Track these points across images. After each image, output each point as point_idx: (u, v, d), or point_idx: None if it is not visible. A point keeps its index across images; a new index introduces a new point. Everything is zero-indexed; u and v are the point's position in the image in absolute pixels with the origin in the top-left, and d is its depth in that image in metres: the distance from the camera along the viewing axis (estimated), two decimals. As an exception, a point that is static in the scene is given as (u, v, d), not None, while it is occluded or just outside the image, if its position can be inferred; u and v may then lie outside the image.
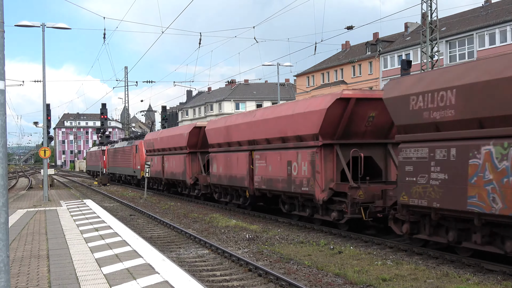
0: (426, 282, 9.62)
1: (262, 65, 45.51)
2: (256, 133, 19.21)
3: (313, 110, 15.48)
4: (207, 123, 25.27)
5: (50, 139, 35.58)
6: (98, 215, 19.23)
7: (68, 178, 68.59)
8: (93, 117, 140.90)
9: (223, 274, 10.79)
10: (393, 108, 12.45)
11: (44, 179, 28.01)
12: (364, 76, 62.35)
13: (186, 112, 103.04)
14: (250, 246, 13.83)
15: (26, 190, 39.44)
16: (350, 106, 14.77)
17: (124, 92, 64.23)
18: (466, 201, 10.39)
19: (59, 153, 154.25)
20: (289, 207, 17.96)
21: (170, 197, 31.22)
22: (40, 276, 9.18)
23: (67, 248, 11.99)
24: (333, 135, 15.25)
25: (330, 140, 15.23)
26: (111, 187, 43.56)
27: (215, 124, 23.53)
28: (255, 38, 32.35)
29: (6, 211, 6.70)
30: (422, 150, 11.58)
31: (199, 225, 18.36)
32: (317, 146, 15.35)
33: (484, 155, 10.06)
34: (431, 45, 32.12)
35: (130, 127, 74.23)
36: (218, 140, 22.88)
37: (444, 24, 50.42)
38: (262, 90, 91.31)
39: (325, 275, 10.30)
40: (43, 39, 28.26)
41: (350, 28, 30.57)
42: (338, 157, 15.27)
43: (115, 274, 9.25)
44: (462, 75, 10.62)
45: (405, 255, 12.33)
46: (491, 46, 46.42)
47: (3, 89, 6.66)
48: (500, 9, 47.99)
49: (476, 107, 10.20)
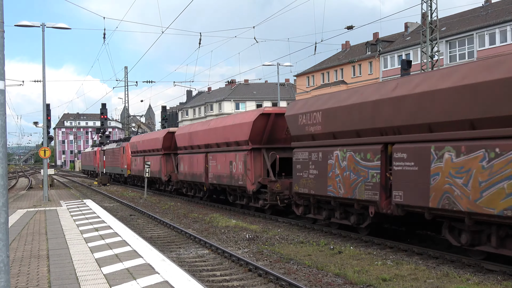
0: (426, 282, 9.62)
1: (262, 65, 45.57)
2: (210, 139, 23.92)
3: (245, 122, 20.27)
4: (177, 129, 30.56)
5: (50, 139, 35.59)
6: (98, 215, 19.24)
7: (68, 178, 68.61)
8: (93, 117, 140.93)
9: (223, 274, 10.79)
10: (290, 123, 17.33)
11: (44, 179, 28.02)
12: (364, 76, 62.38)
13: (186, 112, 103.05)
14: (250, 246, 13.83)
15: (26, 190, 39.44)
16: (271, 119, 19.56)
17: (124, 92, 64.29)
18: (327, 189, 15.08)
19: (59, 153, 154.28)
20: (233, 197, 22.84)
21: (170, 197, 31.23)
22: (40, 276, 9.18)
23: (67, 248, 11.99)
24: (260, 141, 19.84)
25: (258, 145, 19.86)
26: (111, 187, 43.57)
27: (182, 131, 28.58)
28: (255, 38, 32.37)
29: (6, 211, 6.70)
30: (304, 153, 16.35)
31: (199, 225, 18.36)
32: (248, 150, 19.95)
33: (335, 157, 14.75)
34: (431, 45, 32.12)
35: (130, 127, 74.18)
36: (184, 143, 27.61)
37: (444, 24, 50.42)
38: (262, 90, 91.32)
39: (325, 275, 10.31)
40: (43, 39, 28.28)
41: (350, 28, 30.58)
42: (264, 158, 19.75)
43: (115, 274, 9.25)
44: (325, 102, 15.50)
45: (405, 255, 12.33)
46: (491, 46, 46.42)
47: (3, 89, 6.66)
48: (500, 9, 47.99)
49: (331, 124, 14.94)
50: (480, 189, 10.10)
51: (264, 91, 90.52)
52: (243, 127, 20.17)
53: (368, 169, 13.35)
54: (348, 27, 30.58)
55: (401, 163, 12.17)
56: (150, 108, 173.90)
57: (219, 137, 22.74)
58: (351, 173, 13.97)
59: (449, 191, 10.79)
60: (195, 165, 25.91)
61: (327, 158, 15.05)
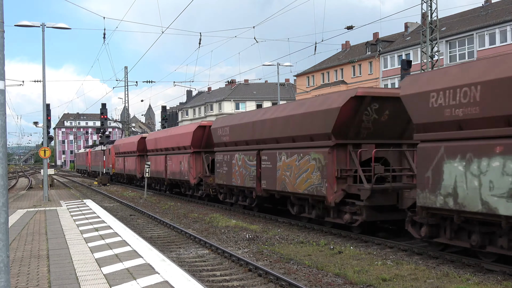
0: (426, 282, 9.62)
1: (262, 65, 45.55)
2: (168, 143, 30.28)
3: (187, 132, 27.04)
4: (148, 135, 36.89)
5: (50, 139, 35.60)
6: (98, 215, 19.24)
7: (68, 178, 68.60)
8: (93, 117, 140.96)
9: (223, 274, 10.78)
10: (213, 134, 23.63)
11: (44, 179, 28.01)
12: (364, 76, 62.38)
13: (186, 112, 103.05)
14: (250, 246, 13.82)
15: (26, 190, 39.44)
16: (206, 130, 25.84)
17: (124, 92, 64.24)
18: (231, 180, 21.49)
19: (59, 153, 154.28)
20: (184, 189, 29.37)
21: (170, 197, 31.23)
22: (40, 276, 9.18)
23: (67, 248, 11.99)
24: (200, 146, 26.37)
25: (198, 149, 26.39)
26: (111, 187, 43.58)
27: (150, 136, 35.59)
28: (255, 38, 32.39)
29: (6, 211, 6.70)
30: (220, 155, 22.74)
31: (199, 225, 18.36)
32: (190, 152, 26.60)
33: (235, 158, 21.11)
34: (431, 45, 32.11)
35: (130, 127, 74.23)
36: (152, 147, 34.16)
37: (444, 24, 50.42)
38: (262, 90, 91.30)
39: (325, 275, 10.30)
40: (43, 39, 28.28)
41: (350, 28, 30.57)
42: (203, 159, 26.21)
43: (115, 274, 9.25)
44: (231, 120, 22.33)
45: (405, 255, 12.33)
46: (491, 46, 46.43)
47: (3, 89, 6.66)
48: (500, 9, 48.00)
49: (233, 136, 21.41)
50: (295, 178, 16.50)
51: (264, 91, 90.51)
52: (187, 135, 26.84)
53: (251, 167, 19.74)
54: (348, 27, 30.58)
55: (265, 163, 18.66)
56: (150, 108, 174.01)
57: (174, 143, 29.11)
58: (243, 169, 20.39)
59: (284, 180, 17.26)
60: (158, 164, 32.41)
61: (232, 159, 21.44)
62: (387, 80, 58.63)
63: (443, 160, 10.94)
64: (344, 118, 14.62)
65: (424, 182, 11.42)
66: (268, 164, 18.43)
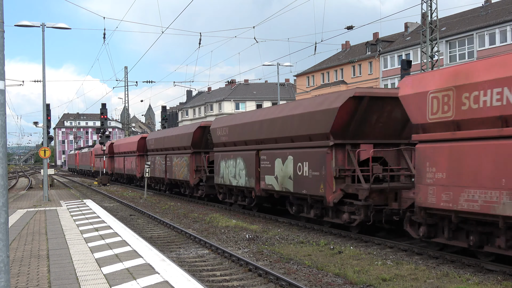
0: (426, 282, 9.62)
1: (262, 65, 45.52)
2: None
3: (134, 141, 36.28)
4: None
5: (50, 139, 35.57)
6: (98, 215, 19.23)
7: (68, 178, 68.59)
8: (93, 117, 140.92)
9: (223, 274, 10.78)
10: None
11: (44, 179, 28.01)
12: (364, 76, 62.36)
13: (186, 112, 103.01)
14: (250, 246, 13.82)
15: (26, 190, 39.43)
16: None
17: (124, 92, 64.25)
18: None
19: (59, 153, 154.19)
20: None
21: (170, 197, 31.23)
22: (40, 276, 9.18)
23: (67, 248, 11.99)
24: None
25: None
26: (111, 187, 43.58)
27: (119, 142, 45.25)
28: (255, 38, 32.33)
29: (6, 211, 6.69)
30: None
31: (199, 225, 18.36)
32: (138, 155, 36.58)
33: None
34: (431, 45, 32.11)
35: (130, 127, 74.25)
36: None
37: (444, 24, 50.41)
38: (262, 90, 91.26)
39: (325, 275, 10.30)
40: (43, 39, 28.27)
41: (350, 28, 30.56)
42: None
43: (115, 274, 9.25)
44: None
45: (405, 255, 12.33)
46: (491, 46, 46.41)
47: (3, 89, 6.66)
48: (500, 9, 47.99)
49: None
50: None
51: (264, 91, 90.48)
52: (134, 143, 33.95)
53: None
54: (348, 27, 30.56)
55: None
56: (150, 108, 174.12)
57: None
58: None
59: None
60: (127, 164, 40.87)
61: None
62: (387, 80, 58.62)
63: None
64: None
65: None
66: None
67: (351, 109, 14.56)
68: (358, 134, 15.06)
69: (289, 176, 17.00)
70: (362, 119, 14.83)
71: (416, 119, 11.68)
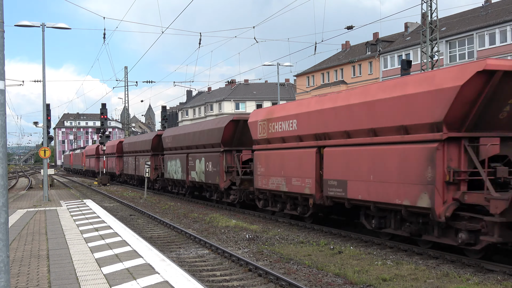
0: (426, 282, 9.62)
1: (262, 65, 45.55)
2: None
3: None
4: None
5: (50, 139, 35.59)
6: (98, 215, 19.23)
7: (68, 178, 68.60)
8: (93, 117, 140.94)
9: (223, 274, 10.78)
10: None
11: (44, 179, 28.01)
12: (364, 76, 62.36)
13: (186, 112, 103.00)
14: (250, 246, 13.83)
15: (26, 190, 39.43)
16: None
17: (124, 92, 64.27)
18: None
19: (59, 153, 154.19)
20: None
21: (170, 197, 31.23)
22: (40, 276, 9.18)
23: (67, 248, 11.99)
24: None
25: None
26: (111, 187, 43.59)
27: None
28: (255, 38, 32.35)
29: (6, 211, 6.69)
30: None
31: (199, 225, 18.36)
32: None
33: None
34: (431, 45, 32.11)
35: (130, 127, 74.25)
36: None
37: (444, 24, 50.40)
38: (262, 90, 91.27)
39: (325, 275, 10.30)
40: (43, 39, 28.27)
41: (350, 28, 30.56)
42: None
43: (115, 274, 9.25)
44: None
45: (405, 255, 12.33)
46: (491, 46, 46.42)
47: (3, 89, 6.66)
48: (500, 9, 47.98)
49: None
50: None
51: (264, 91, 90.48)
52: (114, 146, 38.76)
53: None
54: (348, 27, 30.56)
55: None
56: (150, 108, 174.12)
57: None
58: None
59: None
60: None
61: (143, 160, 25.18)
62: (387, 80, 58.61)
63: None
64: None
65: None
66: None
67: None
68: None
69: None
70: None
71: (253, 136, 19.72)
